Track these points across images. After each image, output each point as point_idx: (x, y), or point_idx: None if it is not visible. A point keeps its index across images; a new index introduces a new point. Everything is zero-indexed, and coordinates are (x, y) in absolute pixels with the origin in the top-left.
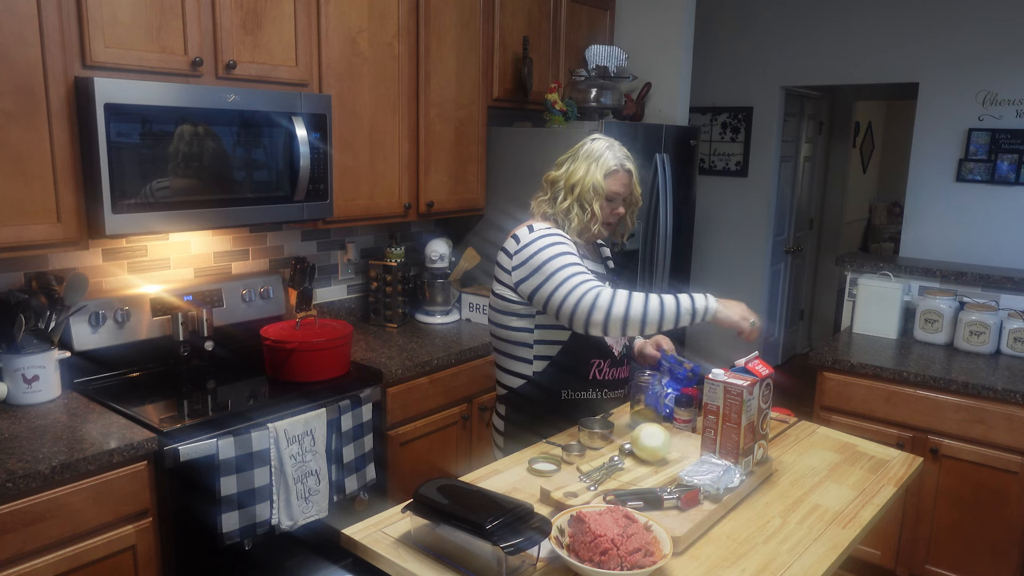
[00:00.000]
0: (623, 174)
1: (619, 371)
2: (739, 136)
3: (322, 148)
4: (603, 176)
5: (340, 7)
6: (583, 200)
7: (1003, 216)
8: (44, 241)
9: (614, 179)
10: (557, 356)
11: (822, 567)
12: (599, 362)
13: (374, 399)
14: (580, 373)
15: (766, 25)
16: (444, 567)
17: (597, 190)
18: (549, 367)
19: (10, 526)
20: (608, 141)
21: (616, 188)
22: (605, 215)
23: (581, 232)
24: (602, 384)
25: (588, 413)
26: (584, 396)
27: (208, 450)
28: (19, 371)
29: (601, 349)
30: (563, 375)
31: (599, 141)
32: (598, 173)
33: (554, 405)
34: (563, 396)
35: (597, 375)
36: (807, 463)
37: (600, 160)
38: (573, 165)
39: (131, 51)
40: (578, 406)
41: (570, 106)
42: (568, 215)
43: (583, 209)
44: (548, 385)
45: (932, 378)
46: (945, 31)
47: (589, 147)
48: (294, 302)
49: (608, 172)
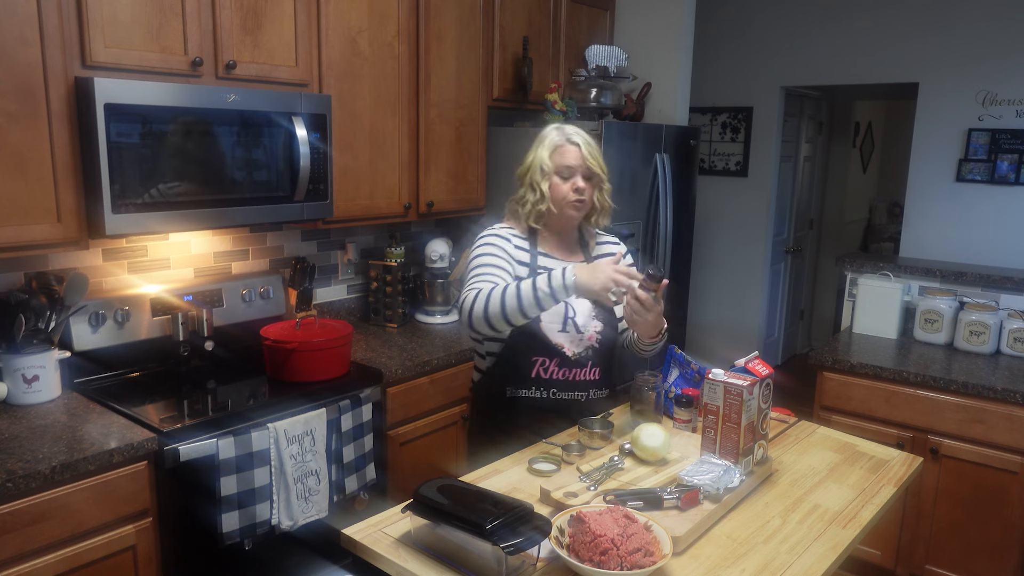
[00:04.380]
0: (570, 147)
1: (573, 372)
2: (739, 136)
3: (322, 148)
4: (549, 153)
5: (340, 7)
6: (533, 182)
7: (1003, 216)
8: (44, 241)
9: (560, 153)
10: (501, 352)
11: (822, 567)
12: (543, 360)
13: (374, 399)
14: (522, 371)
15: (766, 25)
16: (444, 567)
17: (544, 169)
18: (495, 363)
19: (10, 526)
20: (559, 124)
21: (565, 161)
22: (563, 193)
23: (538, 217)
24: (548, 384)
25: (534, 412)
26: (526, 395)
27: (208, 450)
28: (19, 371)
29: (545, 348)
30: (506, 372)
31: (549, 125)
32: (543, 152)
33: (500, 402)
34: (507, 393)
35: (542, 374)
36: (807, 463)
37: (546, 140)
38: (528, 154)
39: (131, 51)
40: (521, 404)
41: (570, 106)
42: (522, 201)
43: (533, 191)
44: (495, 381)
45: (932, 378)
46: (945, 31)
47: (540, 134)
48: (294, 302)
49: (553, 148)
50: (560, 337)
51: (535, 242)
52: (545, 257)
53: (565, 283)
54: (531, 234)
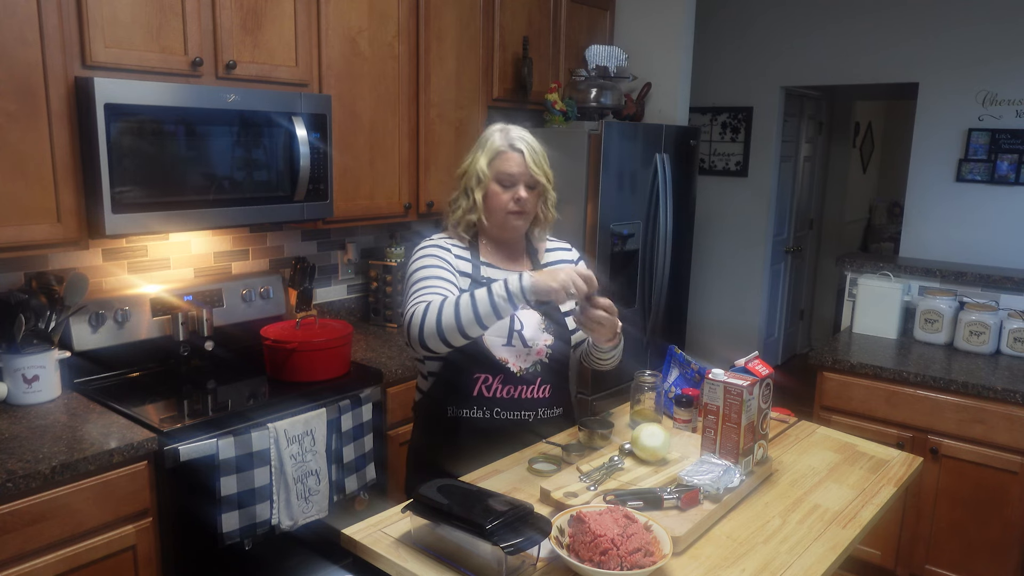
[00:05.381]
0: (512, 154)
1: (519, 390)
2: (739, 136)
3: (322, 148)
4: (488, 160)
5: (340, 7)
6: (467, 188)
7: (1003, 216)
8: (44, 241)
9: (501, 160)
10: (441, 371)
11: (822, 567)
12: (486, 377)
13: (374, 399)
14: (464, 389)
15: (766, 25)
16: (444, 567)
17: (480, 176)
18: (436, 382)
19: (10, 526)
20: (503, 126)
21: (505, 168)
22: (502, 203)
23: (468, 227)
24: (492, 403)
25: (477, 433)
26: (468, 415)
27: (208, 450)
28: (19, 371)
29: (488, 364)
30: (447, 391)
31: (493, 126)
32: (482, 157)
33: (443, 422)
34: (448, 413)
35: (484, 392)
36: (807, 463)
37: (487, 144)
38: (467, 157)
39: (131, 51)
40: (463, 426)
41: (570, 106)
42: (453, 206)
43: (467, 197)
44: (436, 402)
45: (932, 378)
46: (945, 31)
47: (482, 135)
48: (294, 302)
49: (494, 154)
50: (504, 352)
51: (476, 251)
52: (489, 267)
53: (523, 285)
54: (472, 243)
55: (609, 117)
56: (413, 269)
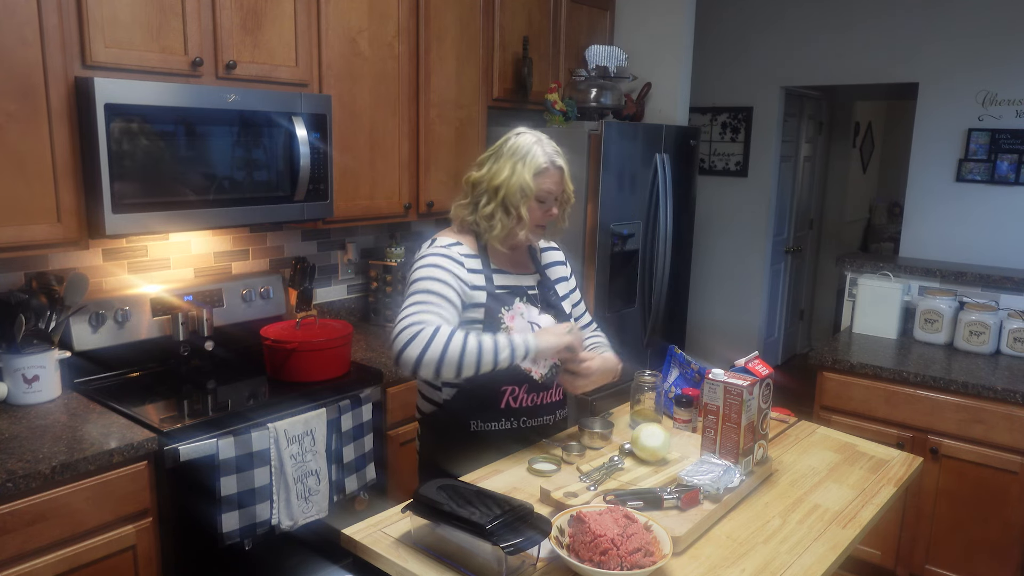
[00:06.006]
0: (554, 171)
1: (541, 396)
2: (739, 136)
3: (322, 148)
4: (532, 175)
5: (340, 7)
6: (508, 203)
7: (1003, 216)
8: (44, 241)
9: (545, 177)
10: (464, 383)
11: (822, 567)
12: (513, 388)
13: (374, 399)
14: (491, 402)
15: (766, 25)
16: (444, 567)
17: (525, 191)
18: (458, 395)
19: (10, 526)
20: (536, 135)
21: (548, 187)
22: (536, 218)
23: (506, 239)
24: (518, 413)
25: (501, 447)
26: (495, 428)
27: (208, 450)
28: (19, 371)
29: (516, 374)
30: (472, 404)
31: (525, 136)
32: (526, 173)
33: (464, 437)
34: (472, 428)
35: (512, 403)
36: (807, 463)
37: (528, 157)
38: (497, 164)
39: (131, 51)
40: (489, 439)
41: (570, 106)
42: (491, 221)
43: (508, 213)
44: (457, 415)
45: (932, 378)
46: (945, 31)
47: (514, 143)
48: (294, 302)
49: (538, 170)
50: (527, 361)
51: (487, 259)
52: (500, 274)
53: (528, 346)
54: (482, 249)
55: (609, 117)
56: (417, 277)
